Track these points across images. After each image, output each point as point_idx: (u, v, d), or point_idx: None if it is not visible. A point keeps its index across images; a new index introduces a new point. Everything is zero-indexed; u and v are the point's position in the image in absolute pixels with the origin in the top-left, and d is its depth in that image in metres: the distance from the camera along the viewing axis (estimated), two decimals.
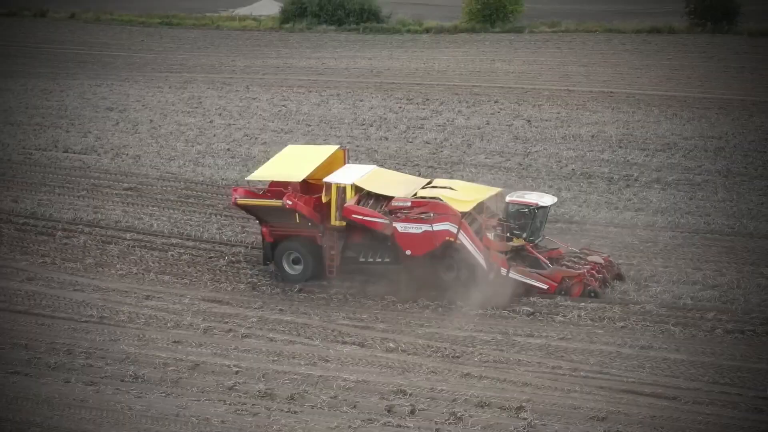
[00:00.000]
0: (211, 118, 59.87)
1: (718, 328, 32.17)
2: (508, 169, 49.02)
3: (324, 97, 63.97)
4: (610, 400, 27.98)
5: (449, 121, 57.65)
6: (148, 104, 63.50)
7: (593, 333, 32.30)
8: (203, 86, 68.26)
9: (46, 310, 35.18)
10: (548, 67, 71.48)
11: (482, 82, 67.19)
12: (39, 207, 45.29)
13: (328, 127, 57.17)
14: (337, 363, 30.81)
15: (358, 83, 68.08)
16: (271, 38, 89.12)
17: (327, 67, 74.59)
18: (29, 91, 68.48)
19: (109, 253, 40.22)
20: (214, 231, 42.27)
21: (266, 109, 61.37)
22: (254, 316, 34.40)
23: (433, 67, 72.78)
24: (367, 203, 36.08)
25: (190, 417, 27.67)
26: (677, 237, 40.58)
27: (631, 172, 48.27)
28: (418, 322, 33.62)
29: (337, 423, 27.19)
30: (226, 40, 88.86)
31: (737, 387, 28.57)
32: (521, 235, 36.12)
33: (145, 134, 56.55)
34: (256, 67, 75.23)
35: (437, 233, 35.03)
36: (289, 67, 75.22)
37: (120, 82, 70.51)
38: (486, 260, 35.03)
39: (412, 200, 35.82)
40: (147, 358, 31.27)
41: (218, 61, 78.66)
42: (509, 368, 30.16)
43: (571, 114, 58.44)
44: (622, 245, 39.03)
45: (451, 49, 79.90)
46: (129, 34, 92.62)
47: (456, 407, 27.73)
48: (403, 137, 54.75)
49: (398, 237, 35.35)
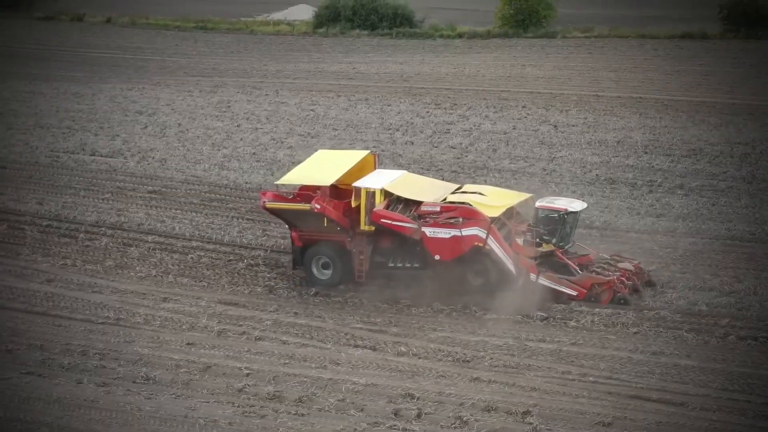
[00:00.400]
0: (239, 122, 60.10)
1: (732, 335, 32.01)
2: (531, 174, 48.93)
3: (352, 102, 64.10)
4: (617, 405, 27.91)
5: (476, 126, 57.64)
6: (178, 108, 63.82)
7: (606, 338, 32.21)
8: (233, 90, 68.55)
9: (63, 312, 35.40)
10: (578, 72, 71.31)
11: (511, 87, 67.11)
12: (63, 209, 45.61)
13: (354, 132, 57.29)
14: (348, 366, 30.89)
15: (388, 88, 68.18)
16: (304, 43, 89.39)
17: (358, 71, 74.71)
18: (61, 94, 68.99)
19: (129, 256, 40.45)
20: (235, 234, 42.43)
21: (294, 114, 61.55)
22: (269, 319, 34.50)
23: (463, 71, 72.78)
24: (396, 208, 36.00)
25: (198, 418, 27.80)
26: (697, 243, 40.39)
27: (655, 177, 48.06)
28: (431, 327, 33.64)
29: (343, 426, 27.26)
30: (260, 44, 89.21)
31: (746, 393, 28.43)
32: (551, 241, 36.07)
33: (172, 138, 56.84)
34: (288, 72, 75.47)
35: (466, 238, 34.94)
36: (320, 71, 75.40)
37: (151, 86, 70.92)
38: (515, 266, 34.90)
39: (441, 205, 35.72)
40: (160, 360, 31.43)
41: (250, 65, 78.96)
42: (519, 373, 30.12)
43: (598, 119, 58.29)
44: (641, 251, 38.87)
45: (482, 54, 79.88)
46: (164, 39, 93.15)
47: (463, 411, 27.74)
48: (429, 142, 54.79)
49: (427, 242, 35.29)
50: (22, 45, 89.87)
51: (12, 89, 71.07)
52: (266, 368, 30.80)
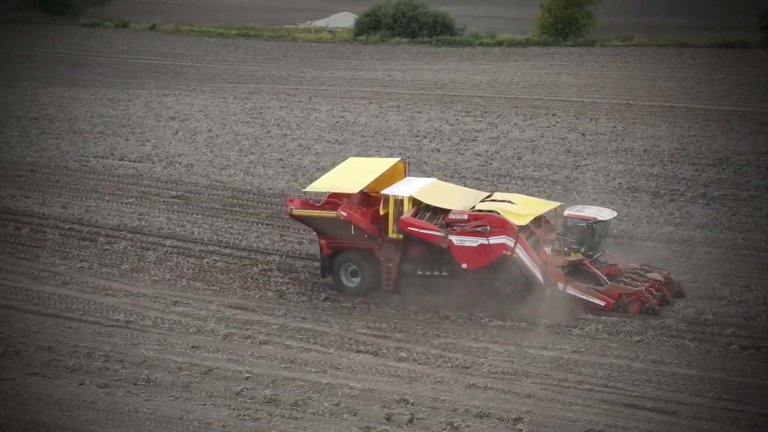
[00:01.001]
0: (269, 128, 60.50)
1: (734, 344, 31.87)
2: (554, 182, 48.89)
3: (383, 109, 64.31)
4: (609, 413, 27.85)
5: (503, 133, 57.65)
6: (210, 114, 64.31)
7: (607, 347, 32.16)
8: (267, 97, 69.00)
9: (75, 314, 35.82)
10: (613, 80, 71.11)
11: (544, 95, 67.06)
12: (86, 213, 46.11)
13: (382, 139, 57.50)
14: (347, 371, 31.02)
15: (420, 95, 68.33)
16: (344, 50, 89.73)
17: (393, 79, 74.93)
18: (98, 100, 69.74)
19: (146, 259, 40.84)
20: (252, 239, 42.72)
21: (324, 120, 61.83)
22: (276, 324, 34.72)
23: (497, 79, 72.79)
24: (424, 216, 35.97)
25: (192, 421, 28.04)
26: (712, 252, 40.20)
27: (678, 186, 47.88)
28: (435, 333, 33.73)
29: (335, 429, 27.43)
30: (300, 51, 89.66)
31: (741, 403, 28.27)
32: (579, 250, 35.78)
33: (201, 143, 57.29)
34: (324, 79, 75.80)
35: (493, 247, 34.86)
36: (355, 78, 75.68)
37: (187, 93, 71.51)
38: (543, 275, 34.67)
39: (468, 213, 35.63)
40: (163, 363, 31.71)
41: (287, 72, 79.41)
42: (516, 380, 30.14)
43: (627, 128, 58.11)
44: (656, 259, 38.58)
45: (519, 62, 79.84)
46: (206, 45, 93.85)
47: (455, 417, 27.79)
48: (455, 149, 54.90)
49: (454, 250, 35.26)
50: (66, 51, 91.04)
51: (50, 94, 71.98)
52: (266, 372, 30.98)
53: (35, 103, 69.08)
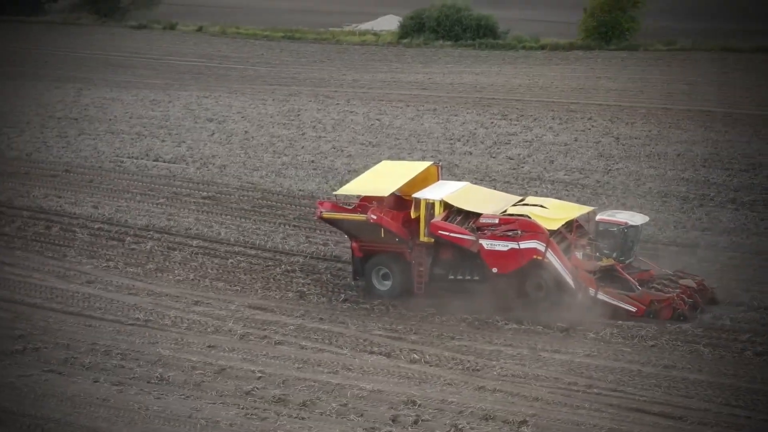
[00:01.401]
0: (305, 130, 60.75)
1: (748, 350, 31.69)
2: (584, 186, 48.76)
3: (420, 112, 64.40)
4: (615, 417, 27.79)
5: (537, 137, 57.57)
6: (248, 116, 64.68)
7: (621, 351, 32.08)
8: (306, 99, 69.26)
9: (96, 312, 36.23)
10: (652, 84, 70.78)
11: (582, 99, 66.89)
12: (116, 213, 46.56)
13: (415, 141, 57.58)
14: (359, 372, 31.16)
15: (458, 98, 68.36)
16: (387, 53, 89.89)
17: (433, 82, 74.99)
18: (139, 101, 70.31)
19: (171, 259, 41.19)
20: (278, 240, 42.96)
21: (360, 123, 62.02)
22: (293, 324, 34.91)
23: (536, 83, 72.65)
24: (455, 219, 35.96)
25: (200, 419, 28.28)
26: (736, 258, 39.95)
27: (709, 191, 47.62)
28: (450, 335, 33.79)
29: (340, 430, 27.59)
30: (343, 54, 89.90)
31: (748, 410, 28.14)
32: (611, 255, 35.54)
33: (236, 145, 57.63)
34: (364, 81, 75.99)
35: (524, 251, 34.82)
36: (395, 81, 75.81)
37: (228, 94, 71.92)
38: (574, 280, 34.53)
39: (500, 217, 35.57)
40: (178, 362, 31.99)
41: (329, 74, 79.63)
42: (525, 383, 30.13)
43: (662, 132, 57.85)
44: (679, 265, 38.29)
45: (561, 66, 79.66)
46: (251, 48, 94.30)
47: (460, 419, 27.85)
48: (488, 152, 54.89)
49: (484, 254, 35.26)
50: (113, 53, 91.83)
51: (93, 96, 72.69)
52: (278, 372, 31.17)
53: (77, 104, 69.74)
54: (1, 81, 78.02)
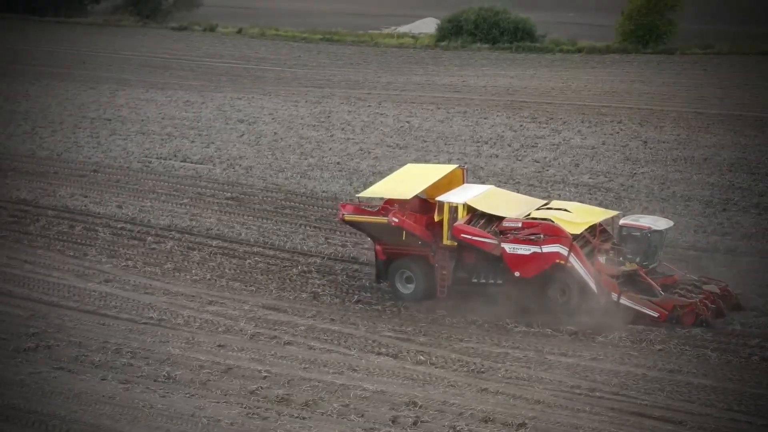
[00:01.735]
0: (333, 132, 60.95)
1: (756, 355, 31.49)
2: (608, 190, 48.62)
3: (450, 114, 64.45)
4: (615, 421, 27.71)
5: (565, 140, 57.45)
6: (279, 117, 64.97)
7: (628, 354, 31.98)
8: (338, 101, 69.45)
9: (111, 311, 36.50)
10: (686, 88, 70.45)
11: (614, 102, 66.67)
12: (140, 213, 46.91)
13: (442, 144, 57.64)
14: (364, 373, 31.23)
15: (490, 101, 68.33)
16: (424, 56, 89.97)
17: (467, 84, 74.99)
18: (172, 102, 70.80)
19: (190, 259, 41.48)
20: (297, 241, 43.15)
21: (389, 125, 62.14)
22: (304, 325, 35.04)
23: (569, 86, 72.50)
24: (478, 223, 35.88)
25: (202, 417, 28.43)
26: (755, 262, 39.71)
27: (733, 196, 47.36)
28: (459, 337, 33.81)
29: (339, 430, 27.65)
30: (381, 57, 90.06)
31: (750, 415, 27.96)
32: (634, 260, 35.34)
33: (264, 146, 57.89)
34: (397, 84, 76.13)
35: (547, 255, 34.69)
36: (429, 84, 75.89)
37: (261, 96, 72.27)
38: (597, 285, 34.32)
39: (522, 221, 35.45)
40: (187, 360, 32.20)
41: (364, 77, 79.81)
42: (529, 385, 30.10)
43: (691, 136, 57.59)
44: (696, 269, 38.11)
45: (596, 69, 79.41)
46: (289, 50, 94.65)
47: (460, 421, 27.85)
48: (514, 155, 54.86)
49: (507, 258, 35.13)
50: (152, 54, 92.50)
51: (128, 96, 73.23)
52: (285, 372, 31.30)
53: (111, 104, 70.32)
54: (36, 81, 78.45)
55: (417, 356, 32.36)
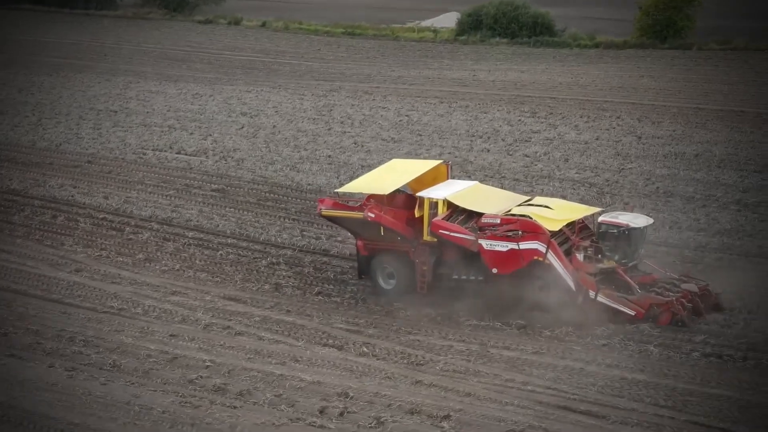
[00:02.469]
0: (332, 125, 61.18)
1: (697, 352, 31.42)
2: (592, 185, 48.58)
3: (452, 109, 64.54)
4: (539, 414, 27.83)
5: (560, 135, 57.40)
6: (282, 110, 65.30)
7: (570, 349, 32.04)
8: (344, 95, 69.69)
9: (75, 300, 37.06)
10: (693, 84, 70.06)
11: (617, 97, 66.49)
12: (125, 204, 47.42)
13: (437, 138, 57.76)
14: (306, 364, 31.54)
15: (494, 95, 68.33)
16: (442, 50, 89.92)
17: (476, 79, 74.97)
18: (182, 94, 71.31)
19: (163, 250, 41.93)
20: (273, 233, 43.47)
21: (388, 119, 62.30)
22: (260, 316, 35.38)
23: (578, 81, 72.34)
24: (457, 219, 35.78)
25: (136, 405, 28.91)
26: (723, 259, 39.59)
27: (716, 192, 47.17)
28: (408, 330, 34.01)
29: (265, 420, 27.96)
30: (399, 51, 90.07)
31: (675, 410, 27.99)
32: (613, 257, 35.06)
33: (260, 139, 58.28)
34: (408, 78, 76.23)
35: (524, 252, 34.50)
36: (439, 78, 75.95)
37: (269, 89, 72.63)
38: (575, 282, 34.14)
39: (501, 217, 35.27)
40: (136, 349, 32.67)
41: (377, 71, 79.93)
42: (464, 378, 30.29)
43: (686, 132, 57.37)
44: (661, 265, 37.90)
45: (609, 64, 79.09)
46: (309, 43, 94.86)
47: (386, 412, 28.10)
48: (505, 150, 54.87)
49: (484, 254, 34.98)
50: (174, 47, 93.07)
51: (139, 89, 73.86)
52: (228, 362, 31.66)
53: (122, 96, 70.92)
54: (54, 72, 79.30)
55: (361, 348, 32.61)
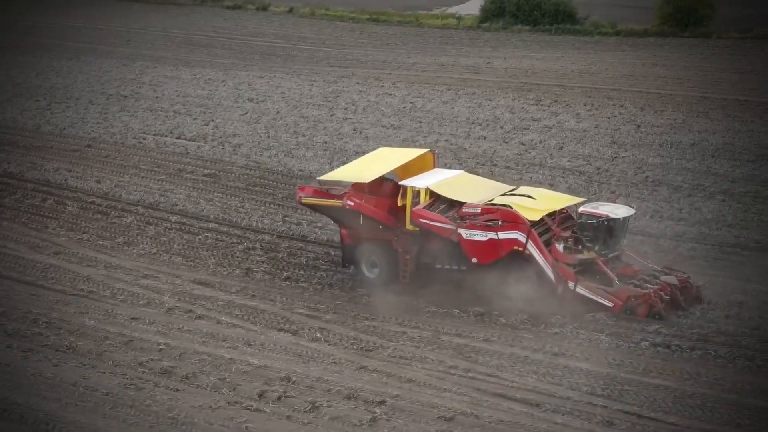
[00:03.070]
0: (335, 111, 61.37)
1: (646, 341, 31.34)
2: (581, 173, 48.52)
3: (457, 96, 64.60)
4: (474, 401, 27.93)
5: (559, 123, 57.29)
6: (288, 96, 65.60)
7: (521, 337, 32.07)
8: (354, 81, 69.90)
9: (47, 282, 37.49)
10: (705, 72, 69.64)
11: (625, 86, 66.26)
12: (115, 188, 47.91)
13: (437, 125, 57.83)
14: (257, 348, 31.80)
15: (503, 83, 68.29)
16: (463, 37, 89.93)
17: (490, 66, 74.91)
18: (194, 80, 71.82)
19: (144, 234, 42.35)
20: (255, 218, 43.75)
21: (392, 105, 62.43)
22: (224, 300, 35.63)
23: (589, 69, 72.10)
24: (438, 208, 35.74)
25: (81, 387, 29.23)
26: (696, 249, 39.44)
27: (704, 182, 46.95)
28: (366, 315, 34.16)
29: (203, 402, 28.22)
30: (420, 37, 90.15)
31: (610, 399, 27.97)
32: (593, 248, 34.91)
33: (261, 125, 58.59)
34: (422, 65, 76.30)
35: (503, 242, 34.44)
36: (453, 65, 75.96)
37: (282, 75, 72.98)
38: (554, 273, 34.05)
39: (482, 207, 35.17)
40: (96, 332, 33.07)
41: (393, 57, 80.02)
42: (408, 365, 30.41)
43: (687, 120, 57.09)
44: (635, 254, 37.67)
45: (625, 53, 78.80)
46: (333, 29, 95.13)
47: (323, 397, 28.30)
48: (502, 138, 54.87)
49: (463, 244, 34.95)
50: (199, 32, 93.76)
51: (154, 74, 74.50)
52: (182, 345, 31.99)
53: (135, 81, 71.53)
54: (75, 57, 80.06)
55: (315, 333, 32.77)
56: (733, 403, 27.71)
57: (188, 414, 27.68)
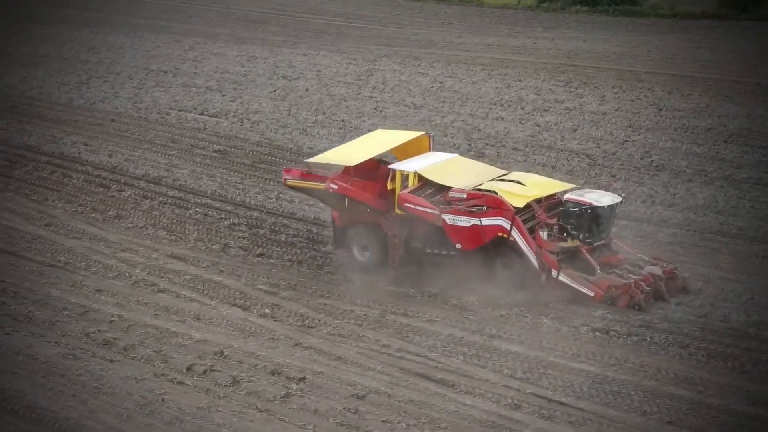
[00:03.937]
0: (363, 90, 61.60)
1: (586, 326, 31.21)
2: (587, 156, 48.31)
3: (490, 76, 64.45)
4: (393, 381, 28.13)
5: (581, 105, 56.95)
6: (322, 74, 65.97)
7: (465, 319, 32.10)
8: (392, 60, 69.96)
9: (28, 253, 38.36)
10: (745, 57, 68.47)
11: (660, 68, 65.41)
12: (125, 162, 48.76)
13: (459, 105, 57.84)
14: (204, 322, 32.32)
15: (539, 64, 67.94)
16: (521, 17, 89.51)
17: (535, 47, 74.49)
18: (238, 57, 72.54)
19: (138, 208, 43.06)
20: (251, 195, 44.25)
21: (421, 85, 62.46)
22: (191, 274, 36.18)
23: (630, 52, 71.30)
24: (425, 192, 35.66)
25: (21, 356, 30.07)
26: (677, 234, 39.06)
27: (709, 167, 46.42)
28: (321, 293, 34.41)
29: (131, 374, 28.83)
30: (476, 17, 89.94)
31: (527, 383, 27.96)
32: (577, 236, 34.69)
33: (286, 102, 59.01)
34: (467, 45, 76.17)
35: (486, 228, 34.33)
36: (499, 45, 75.73)
37: (325, 53, 73.25)
38: (538, 260, 33.94)
39: (468, 192, 35.08)
40: (58, 302, 33.87)
41: (442, 37, 79.92)
42: (342, 342, 30.70)
43: (710, 105, 56.37)
44: (621, 242, 37.26)
45: (676, 35, 77.82)
46: (392, 8, 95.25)
47: (247, 372, 28.72)
48: (518, 119, 54.69)
49: (447, 229, 34.96)
50: (259, 9, 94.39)
51: (201, 50, 75.39)
52: (133, 317, 32.64)
53: (180, 58, 72.49)
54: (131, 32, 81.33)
55: (264, 309, 33.12)
56: (649, 390, 27.53)
57: (112, 385, 28.32)
